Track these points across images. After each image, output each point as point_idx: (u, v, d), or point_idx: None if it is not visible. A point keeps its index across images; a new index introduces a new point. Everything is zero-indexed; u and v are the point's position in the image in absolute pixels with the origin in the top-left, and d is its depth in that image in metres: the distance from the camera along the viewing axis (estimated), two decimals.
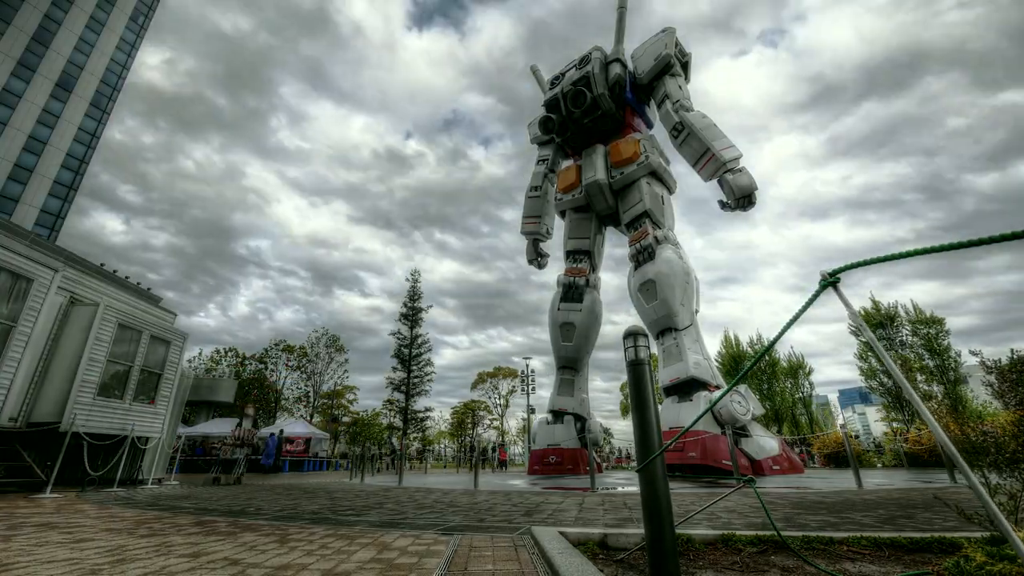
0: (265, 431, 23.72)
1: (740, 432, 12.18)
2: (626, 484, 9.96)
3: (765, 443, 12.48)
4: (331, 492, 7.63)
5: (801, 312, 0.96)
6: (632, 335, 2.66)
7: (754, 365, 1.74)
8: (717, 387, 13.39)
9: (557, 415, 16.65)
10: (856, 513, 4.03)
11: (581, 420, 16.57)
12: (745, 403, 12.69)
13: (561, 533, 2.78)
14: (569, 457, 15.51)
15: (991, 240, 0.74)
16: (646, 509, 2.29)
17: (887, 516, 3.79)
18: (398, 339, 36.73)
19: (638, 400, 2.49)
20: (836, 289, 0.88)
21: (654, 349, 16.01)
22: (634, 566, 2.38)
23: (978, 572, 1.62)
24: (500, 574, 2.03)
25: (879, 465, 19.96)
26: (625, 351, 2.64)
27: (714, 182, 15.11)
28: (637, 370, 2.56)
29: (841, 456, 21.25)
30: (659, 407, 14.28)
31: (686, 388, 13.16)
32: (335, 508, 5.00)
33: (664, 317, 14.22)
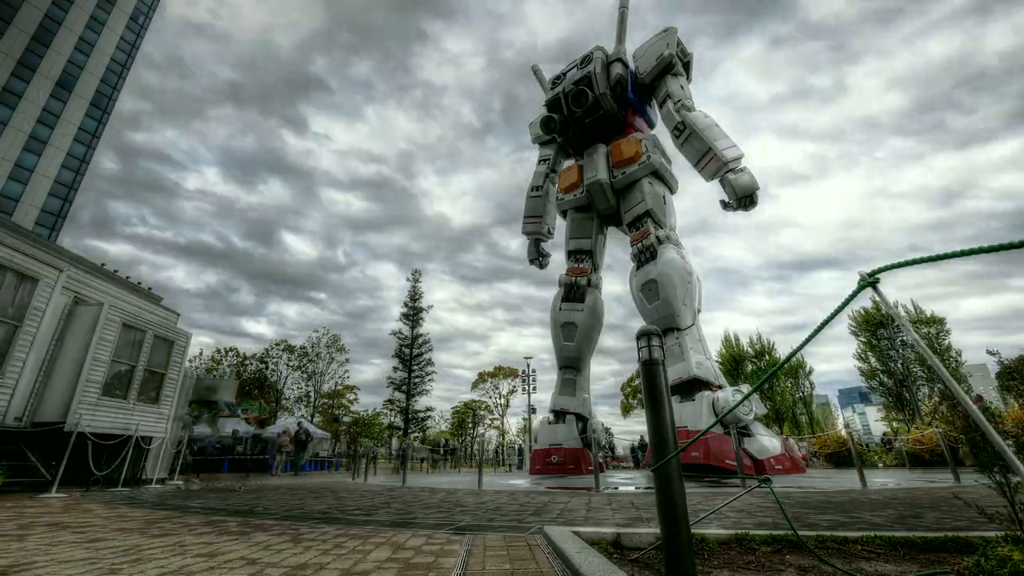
0: (273, 430, 23.72)
1: (742, 432, 12.20)
2: (629, 484, 9.97)
3: (767, 442, 12.51)
4: (336, 492, 7.63)
5: (837, 311, 0.97)
6: (646, 335, 2.66)
7: (784, 364, 1.74)
8: (719, 387, 13.40)
9: (559, 415, 16.65)
10: (865, 512, 4.04)
11: (583, 420, 16.58)
12: (748, 403, 12.70)
13: (574, 533, 2.78)
14: (571, 457, 15.51)
15: None
16: (662, 509, 2.30)
17: (896, 516, 3.79)
18: (399, 339, 36.73)
19: (652, 400, 2.50)
20: (876, 289, 0.89)
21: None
22: (649, 565, 2.38)
23: (999, 571, 1.62)
24: (519, 573, 2.04)
25: (880, 465, 19.97)
26: (639, 351, 2.64)
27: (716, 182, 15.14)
28: (651, 370, 2.56)
29: (842, 456, 21.29)
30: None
31: (688, 388, 13.17)
32: (343, 508, 5.01)
33: (666, 317, 14.22)
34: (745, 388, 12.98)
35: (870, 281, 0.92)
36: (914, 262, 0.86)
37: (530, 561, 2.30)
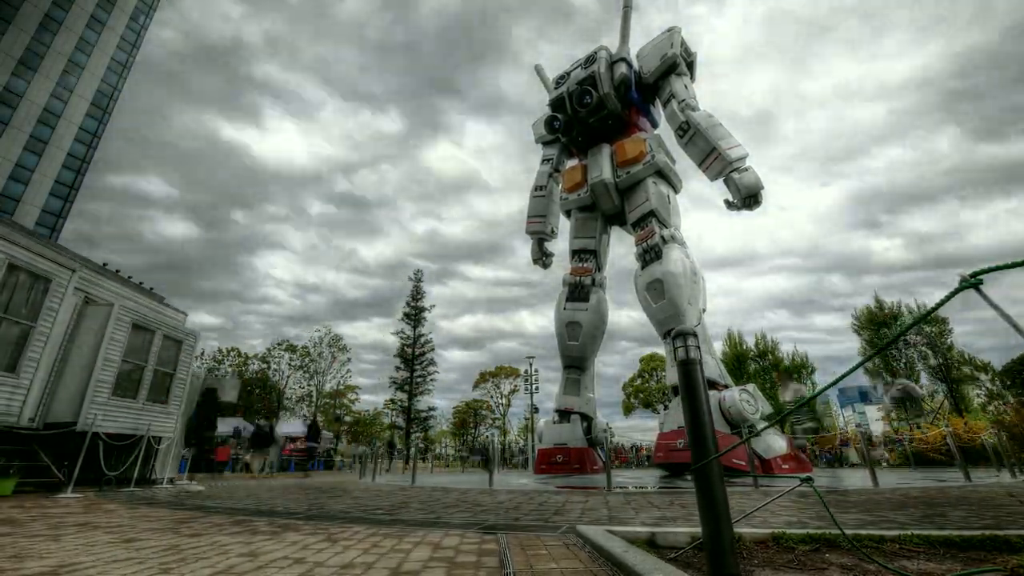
0: (285, 430, 23.52)
1: (747, 431, 12.22)
2: (637, 483, 10.00)
3: (774, 442, 12.54)
4: (349, 492, 7.64)
5: (932, 311, 0.98)
6: (681, 335, 2.67)
7: (857, 367, 1.74)
8: (725, 386, 13.43)
9: (563, 414, 16.67)
10: (887, 511, 4.06)
11: (587, 419, 16.61)
12: (754, 402, 12.73)
13: (609, 532, 2.80)
14: (576, 456, 15.53)
15: None
16: (703, 508, 2.31)
17: (921, 514, 3.81)
18: (401, 339, 36.75)
19: (691, 400, 2.51)
20: (979, 291, 0.90)
21: (662, 350, 16.07)
22: (690, 564, 2.40)
23: None
24: (568, 572, 2.05)
25: (883, 464, 20.02)
26: (675, 351, 2.65)
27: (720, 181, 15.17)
28: (688, 369, 2.57)
29: (845, 455, 21.40)
30: (669, 406, 14.00)
31: None
32: (363, 507, 5.02)
33: (671, 316, 14.23)
34: (751, 388, 13.03)
35: (973, 282, 0.94)
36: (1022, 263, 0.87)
37: (573, 560, 2.32)
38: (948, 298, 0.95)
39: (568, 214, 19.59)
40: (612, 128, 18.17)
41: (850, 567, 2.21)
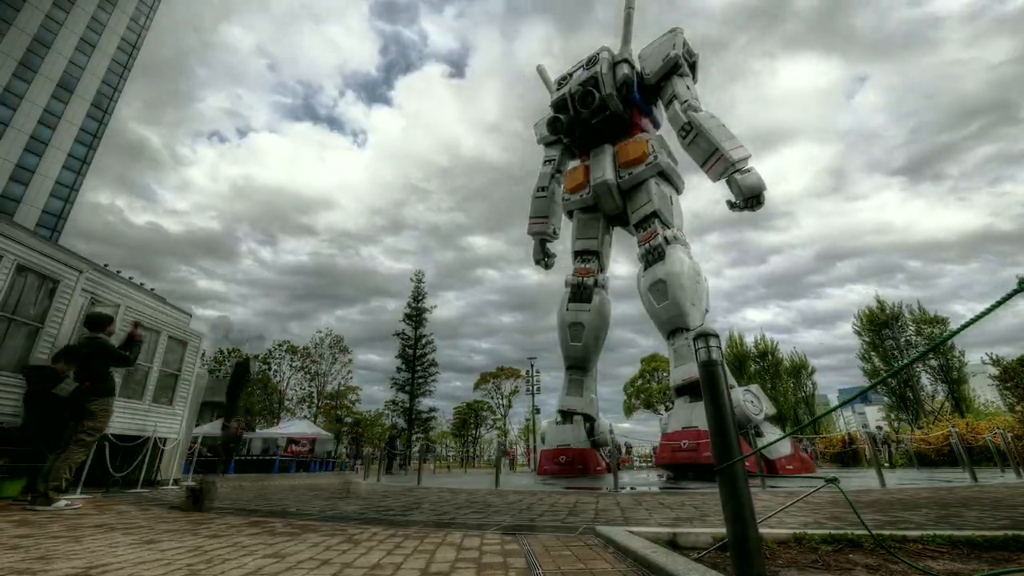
0: (280, 431, 23.40)
1: (753, 432, 12.24)
2: (642, 484, 10.01)
3: (778, 443, 12.56)
4: (357, 493, 7.64)
5: (985, 313, 0.99)
6: (703, 336, 2.68)
7: (903, 368, 1.75)
8: (730, 387, 13.45)
9: (566, 415, 16.71)
10: (902, 512, 4.07)
11: (590, 420, 16.63)
12: (758, 403, 12.75)
13: (631, 532, 2.80)
14: (578, 457, 15.56)
15: None
16: (728, 509, 2.32)
17: (936, 515, 3.83)
18: (402, 339, 36.74)
19: (713, 401, 2.52)
20: None
21: (665, 351, 16.12)
22: (716, 565, 2.41)
23: None
24: (599, 573, 2.06)
25: (886, 464, 20.07)
26: (696, 352, 2.67)
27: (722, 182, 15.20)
28: (710, 370, 2.58)
29: (846, 455, 21.46)
30: (673, 407, 14.00)
31: (698, 388, 13.19)
32: (375, 508, 5.02)
33: (675, 317, 14.27)
34: (755, 388, 13.05)
35: None
36: None
37: (599, 560, 2.33)
38: (1004, 300, 0.96)
39: (570, 215, 19.65)
40: (614, 129, 18.21)
41: (875, 567, 2.22)
